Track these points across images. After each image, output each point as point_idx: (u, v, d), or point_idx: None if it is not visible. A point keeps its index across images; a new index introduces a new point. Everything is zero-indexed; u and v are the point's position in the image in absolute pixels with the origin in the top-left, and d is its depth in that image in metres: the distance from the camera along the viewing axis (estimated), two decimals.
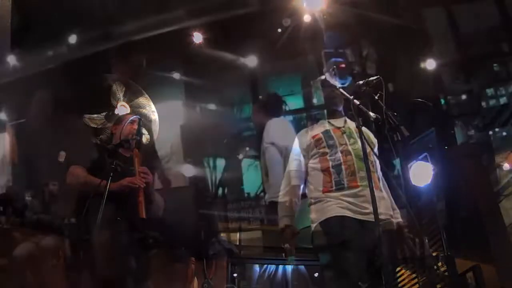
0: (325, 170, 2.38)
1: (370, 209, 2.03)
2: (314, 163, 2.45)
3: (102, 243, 2.16)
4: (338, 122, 2.54)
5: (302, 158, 2.53)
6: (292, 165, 2.55)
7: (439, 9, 6.35)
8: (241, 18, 5.95)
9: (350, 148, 2.40)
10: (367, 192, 2.11)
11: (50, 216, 4.98)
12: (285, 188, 2.54)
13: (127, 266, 2.25)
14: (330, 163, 2.38)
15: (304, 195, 2.59)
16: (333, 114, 2.60)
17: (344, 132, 2.47)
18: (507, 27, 6.13)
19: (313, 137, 2.50)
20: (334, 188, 2.33)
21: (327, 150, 2.41)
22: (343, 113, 2.58)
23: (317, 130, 2.53)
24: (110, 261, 2.19)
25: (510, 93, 7.27)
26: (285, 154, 3.06)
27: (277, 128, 3.22)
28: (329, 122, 2.56)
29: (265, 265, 3.16)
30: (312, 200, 2.43)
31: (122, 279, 2.22)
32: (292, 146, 2.65)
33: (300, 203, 2.51)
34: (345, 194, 2.30)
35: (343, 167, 2.35)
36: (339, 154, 2.38)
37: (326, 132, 2.48)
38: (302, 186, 2.53)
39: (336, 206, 2.27)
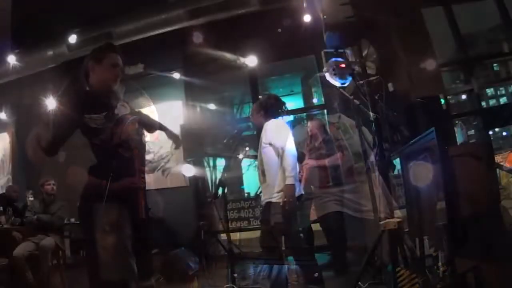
0: (321, 166, 2.39)
1: (368, 206, 2.04)
2: (310, 159, 2.47)
3: (102, 243, 2.16)
4: (333, 118, 2.56)
5: (297, 156, 2.54)
6: (288, 163, 2.55)
7: (439, 9, 6.34)
8: (241, 18, 5.95)
9: (346, 143, 2.41)
10: (364, 188, 2.12)
11: (49, 216, 4.99)
12: (280, 187, 2.55)
13: (128, 266, 2.25)
14: (327, 158, 2.39)
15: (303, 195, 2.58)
16: (329, 111, 2.63)
17: (339, 128, 2.49)
18: (507, 27, 6.13)
19: (309, 133, 2.52)
20: (331, 183, 2.35)
21: (323, 145, 2.43)
22: (338, 110, 2.59)
23: (313, 126, 2.55)
24: (111, 261, 2.18)
25: (510, 93, 7.26)
26: (282, 154, 3.06)
27: (274, 129, 3.21)
28: (325, 119, 2.58)
29: (265, 265, 3.15)
30: (310, 197, 2.44)
31: (122, 279, 2.21)
32: (289, 146, 2.65)
33: (297, 202, 2.51)
34: (342, 190, 2.31)
35: (339, 162, 2.36)
36: (335, 150, 2.40)
37: (322, 128, 2.50)
38: (298, 184, 2.53)
39: (334, 203, 2.28)
